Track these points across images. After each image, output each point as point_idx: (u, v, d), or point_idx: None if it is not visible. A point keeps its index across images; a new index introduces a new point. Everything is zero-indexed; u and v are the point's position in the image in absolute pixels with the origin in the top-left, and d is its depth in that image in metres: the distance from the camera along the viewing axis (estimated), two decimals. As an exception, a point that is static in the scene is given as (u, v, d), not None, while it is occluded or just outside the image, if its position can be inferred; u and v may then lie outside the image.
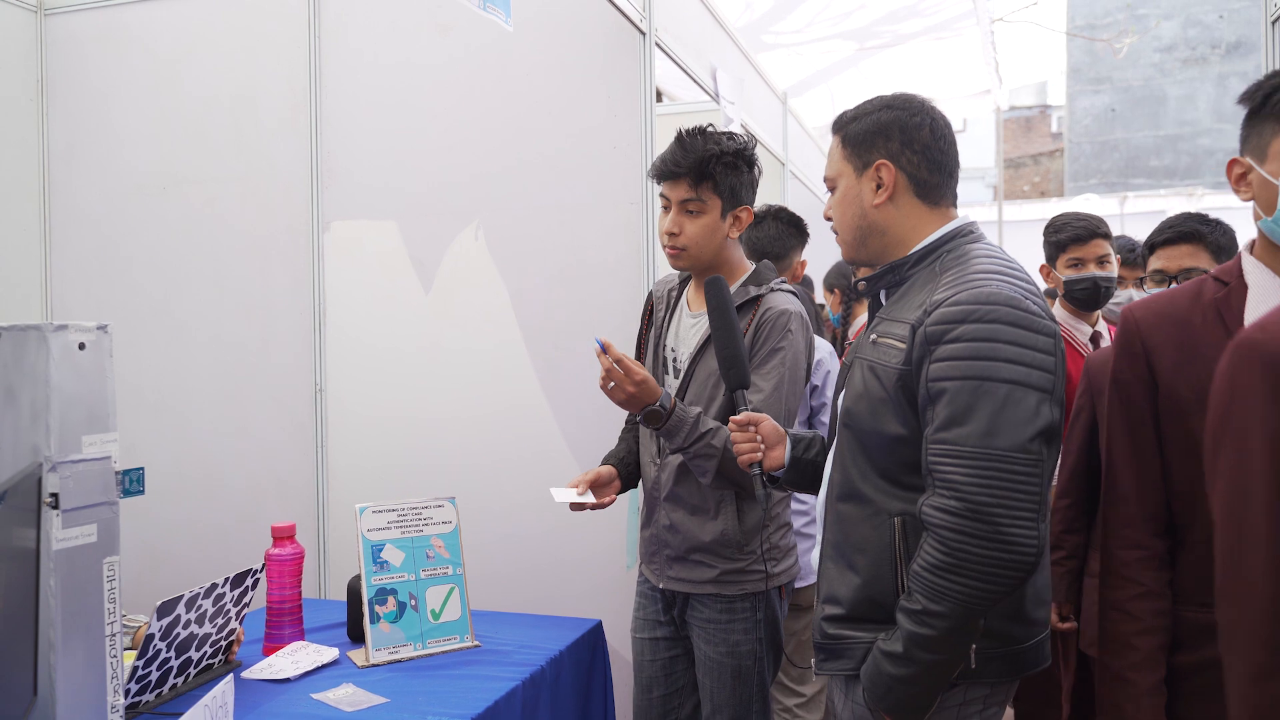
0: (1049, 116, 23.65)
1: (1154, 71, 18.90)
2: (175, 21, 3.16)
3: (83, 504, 1.46)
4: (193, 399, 3.14)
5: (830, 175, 1.66)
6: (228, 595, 1.95)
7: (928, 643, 1.41)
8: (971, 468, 1.37)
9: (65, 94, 3.28)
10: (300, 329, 3.03)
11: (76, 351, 1.47)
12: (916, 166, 1.58)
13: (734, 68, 3.75)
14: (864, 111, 1.62)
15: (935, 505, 1.41)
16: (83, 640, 1.45)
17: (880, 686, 1.47)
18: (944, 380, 1.41)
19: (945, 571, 1.38)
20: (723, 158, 2.06)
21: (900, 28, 6.46)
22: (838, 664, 1.58)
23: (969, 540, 1.37)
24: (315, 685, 1.95)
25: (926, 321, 1.45)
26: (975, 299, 1.43)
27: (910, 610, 1.43)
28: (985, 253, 1.53)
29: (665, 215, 2.12)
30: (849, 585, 1.55)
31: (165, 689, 1.86)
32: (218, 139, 3.11)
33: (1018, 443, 1.37)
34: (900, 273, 1.59)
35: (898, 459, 1.51)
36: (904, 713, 1.48)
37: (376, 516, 2.17)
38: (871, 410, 1.53)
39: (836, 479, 1.61)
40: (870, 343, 1.57)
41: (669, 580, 2.14)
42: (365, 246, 2.97)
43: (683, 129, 2.10)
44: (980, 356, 1.40)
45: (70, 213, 3.29)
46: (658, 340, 2.21)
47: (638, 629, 2.24)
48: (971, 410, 1.38)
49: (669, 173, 2.08)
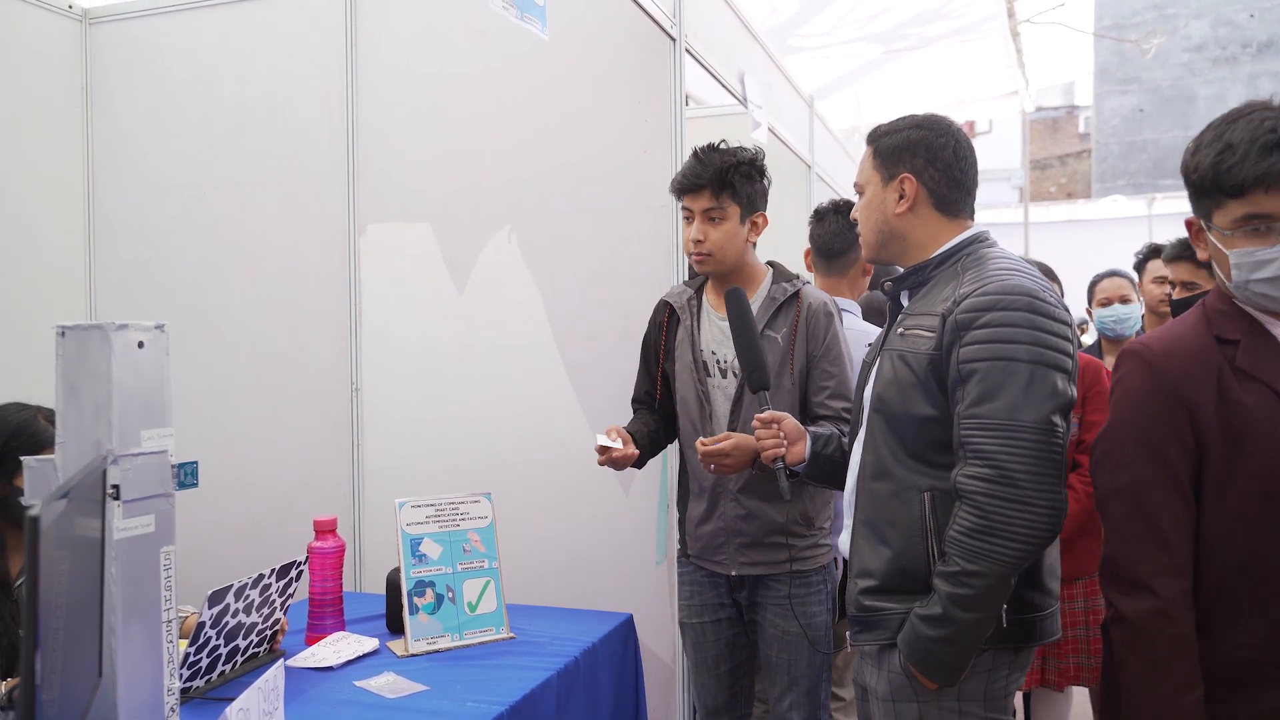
0: (1076, 117, 23.52)
1: (1183, 71, 18.76)
2: (215, 29, 3.24)
3: (142, 495, 1.53)
4: (231, 399, 3.21)
5: (860, 182, 1.84)
6: (273, 586, 2.02)
7: (966, 602, 1.55)
8: (1002, 438, 1.54)
9: (108, 100, 3.37)
10: (336, 330, 3.10)
11: (136, 349, 1.54)
12: (938, 183, 1.75)
13: (761, 72, 3.79)
14: (896, 128, 1.79)
15: (969, 474, 1.56)
16: (142, 625, 1.52)
17: (919, 650, 1.60)
18: (974, 362, 1.58)
19: (980, 534, 1.54)
20: (739, 167, 2.24)
21: (926, 30, 6.46)
22: (873, 634, 1.71)
23: (1001, 504, 1.53)
24: (357, 674, 2.01)
25: (956, 311, 1.62)
26: (1001, 290, 1.60)
27: (948, 573, 1.57)
28: (1002, 254, 1.71)
29: (689, 226, 2.30)
30: (881, 558, 1.69)
31: (214, 675, 1.93)
32: (256, 144, 3.19)
33: (1042, 416, 1.54)
34: (923, 274, 1.75)
35: (927, 438, 1.66)
36: (942, 673, 1.61)
37: (415, 511, 2.23)
38: (902, 394, 1.68)
39: (868, 461, 1.75)
40: (898, 335, 1.72)
41: (741, 566, 2.28)
42: (400, 249, 3.03)
43: (698, 147, 2.29)
44: (1007, 340, 1.56)
45: (113, 215, 3.37)
46: (693, 346, 2.34)
47: (692, 615, 2.38)
48: (1001, 387, 1.55)
49: (691, 185, 2.27)
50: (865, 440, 1.77)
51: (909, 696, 1.66)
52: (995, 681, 1.65)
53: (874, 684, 1.71)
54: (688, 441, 2.34)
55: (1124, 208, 13.17)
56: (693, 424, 2.33)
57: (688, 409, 2.35)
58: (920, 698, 1.65)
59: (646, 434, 2.35)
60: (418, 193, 3.01)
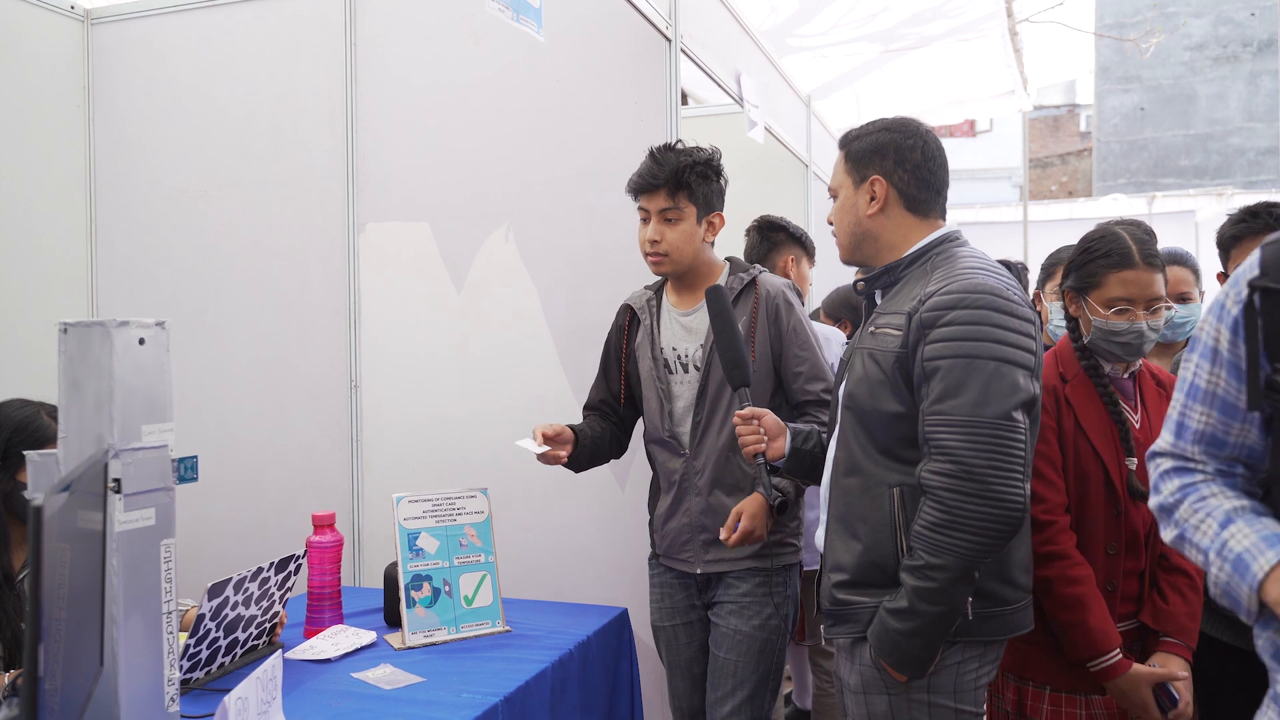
0: (1077, 115, 23.49)
1: (1184, 70, 18.75)
2: (216, 30, 3.27)
3: (142, 489, 1.56)
4: (232, 395, 3.24)
5: (834, 186, 1.89)
6: (272, 579, 2.05)
7: (931, 595, 1.59)
8: (964, 434, 1.57)
9: (111, 100, 3.40)
10: (336, 327, 3.13)
11: (137, 346, 1.57)
12: (907, 184, 1.78)
13: (758, 72, 3.82)
14: (866, 132, 1.83)
15: (932, 470, 1.60)
16: (142, 616, 1.55)
17: (887, 642, 1.64)
18: (938, 359, 1.61)
19: (944, 528, 1.57)
20: (695, 167, 2.23)
21: (925, 30, 6.47)
22: (845, 628, 1.74)
23: (963, 499, 1.56)
24: (355, 665, 2.04)
25: (921, 309, 1.65)
26: (964, 289, 1.63)
27: (913, 567, 1.61)
28: (970, 254, 1.74)
29: (645, 226, 2.29)
30: (853, 553, 1.73)
31: (214, 667, 1.96)
32: (256, 144, 3.22)
33: (1004, 411, 1.57)
34: (894, 274, 1.79)
35: (895, 434, 1.69)
36: (910, 666, 1.64)
37: (412, 506, 2.26)
38: (871, 392, 1.71)
39: (841, 457, 1.79)
40: (869, 334, 1.76)
41: (705, 564, 2.26)
42: (399, 248, 3.07)
43: (653, 147, 2.29)
44: (970, 338, 1.60)
45: (115, 215, 3.41)
46: (652, 344, 2.34)
47: (665, 618, 2.38)
48: (963, 384, 1.58)
49: (647, 185, 2.25)
50: (839, 437, 1.81)
51: (879, 689, 1.69)
52: (964, 675, 1.68)
53: (846, 676, 1.76)
54: (654, 440, 2.36)
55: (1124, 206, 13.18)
56: (655, 421, 2.33)
57: (649, 407, 2.35)
58: (890, 690, 1.68)
59: (590, 437, 2.35)
60: (416, 192, 3.04)
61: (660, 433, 2.32)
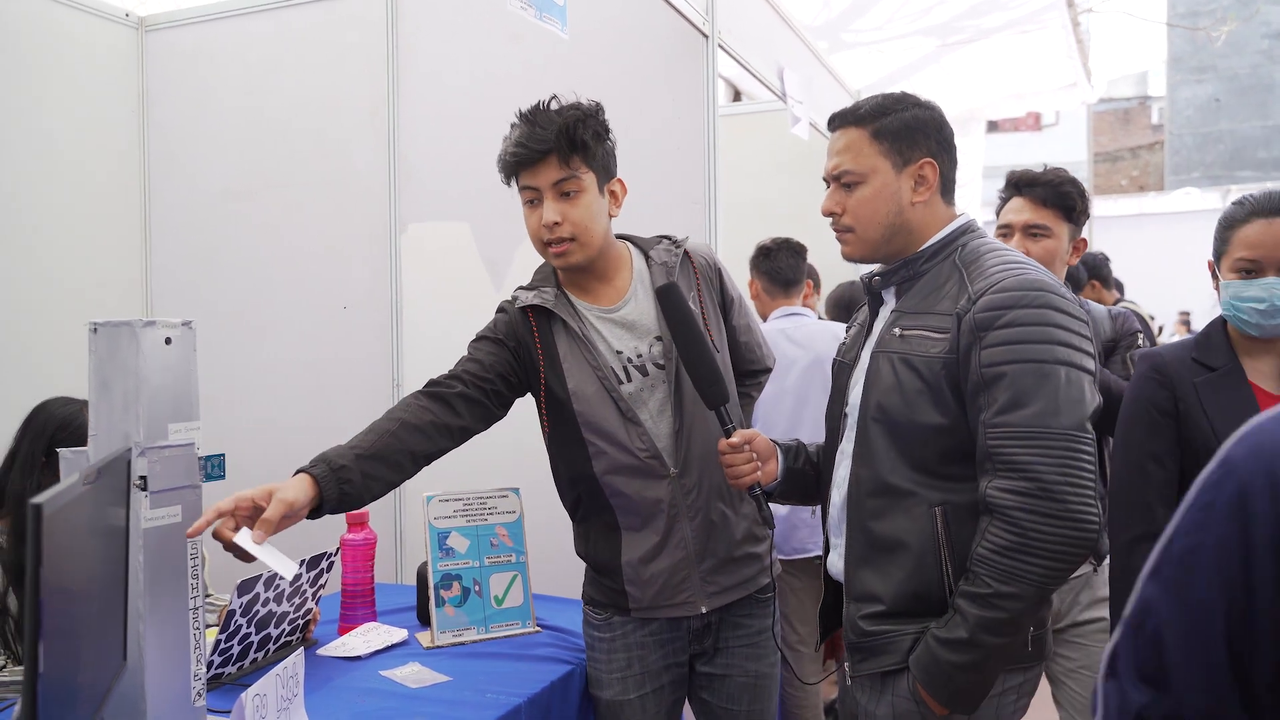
0: (1149, 108, 22.87)
1: (1262, 58, 18.14)
2: (264, 34, 3.33)
3: (169, 486, 1.58)
4: (276, 393, 3.29)
5: (856, 169, 1.60)
6: (304, 576, 2.07)
7: (997, 626, 1.42)
8: (1039, 448, 1.40)
9: (164, 105, 3.48)
10: (378, 326, 3.16)
11: (164, 346, 1.60)
12: (948, 166, 1.63)
13: (802, 67, 3.77)
14: (892, 107, 1.62)
15: (1001, 488, 1.42)
16: (168, 612, 1.57)
17: (939, 676, 1.46)
18: (1001, 364, 1.43)
19: (1016, 553, 1.40)
20: (586, 122, 1.80)
21: (983, 22, 6.35)
22: (878, 661, 1.56)
23: (1041, 520, 1.39)
24: (384, 663, 2.05)
25: (973, 309, 1.47)
26: (1021, 285, 1.46)
27: (976, 594, 1.43)
28: (999, 246, 1.59)
29: (533, 211, 1.83)
30: (890, 581, 1.55)
31: (246, 663, 1.99)
32: (302, 145, 3.27)
33: (1078, 421, 1.41)
34: (914, 268, 1.61)
35: (936, 449, 1.52)
36: (960, 701, 1.48)
37: (443, 505, 2.27)
38: (907, 402, 1.52)
39: (863, 475, 1.59)
40: (896, 337, 1.57)
41: (711, 598, 1.88)
42: (439, 247, 3.09)
43: (522, 110, 1.86)
44: (1037, 340, 1.43)
45: (167, 216, 3.48)
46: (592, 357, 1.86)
47: (633, 689, 1.91)
48: (1034, 392, 1.41)
49: (530, 156, 1.79)
50: (856, 452, 1.61)
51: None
52: (1004, 705, 1.54)
53: (874, 708, 1.58)
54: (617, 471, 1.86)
55: (1197, 200, 12.76)
56: (621, 446, 1.84)
57: (603, 434, 1.84)
58: None
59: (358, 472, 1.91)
60: (456, 192, 3.06)
61: (630, 458, 1.84)
